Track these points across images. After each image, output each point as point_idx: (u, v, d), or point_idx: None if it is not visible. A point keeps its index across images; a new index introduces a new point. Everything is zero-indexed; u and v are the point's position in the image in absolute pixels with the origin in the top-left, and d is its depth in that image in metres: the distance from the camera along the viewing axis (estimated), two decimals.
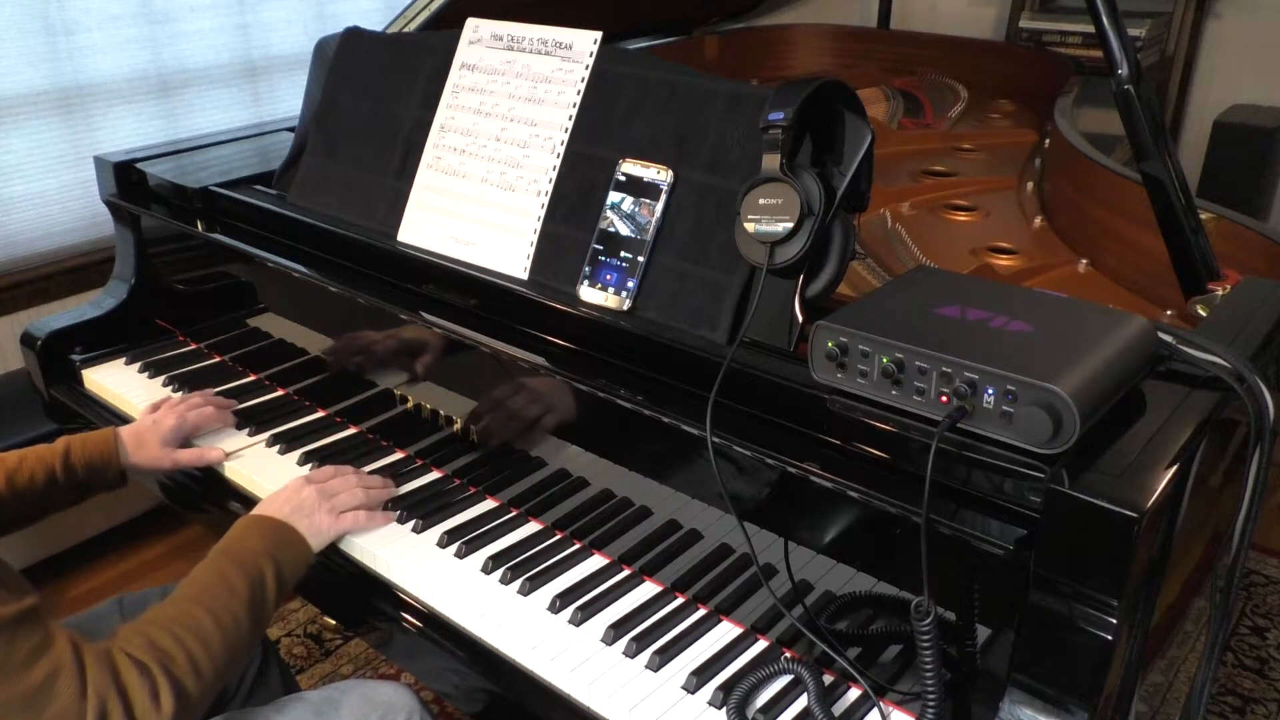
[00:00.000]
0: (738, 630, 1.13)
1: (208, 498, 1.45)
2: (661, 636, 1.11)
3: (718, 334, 1.12)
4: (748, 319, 1.06)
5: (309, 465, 1.42)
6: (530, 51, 1.34)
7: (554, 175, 1.28)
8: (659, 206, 1.18)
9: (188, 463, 1.42)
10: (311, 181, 1.55)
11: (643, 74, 1.24)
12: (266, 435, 1.49)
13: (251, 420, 1.52)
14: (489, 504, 1.33)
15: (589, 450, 1.23)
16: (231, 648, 1.04)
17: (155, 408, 1.47)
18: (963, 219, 1.76)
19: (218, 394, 1.59)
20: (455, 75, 1.41)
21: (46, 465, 1.31)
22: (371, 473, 1.37)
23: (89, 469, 1.35)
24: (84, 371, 1.71)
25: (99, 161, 1.78)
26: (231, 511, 1.39)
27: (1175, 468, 0.86)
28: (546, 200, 1.28)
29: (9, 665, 0.89)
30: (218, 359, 1.73)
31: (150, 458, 1.39)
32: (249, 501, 1.38)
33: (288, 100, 2.62)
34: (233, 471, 1.44)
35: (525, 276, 1.28)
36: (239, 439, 1.49)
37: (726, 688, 1.04)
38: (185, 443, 1.44)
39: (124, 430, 1.40)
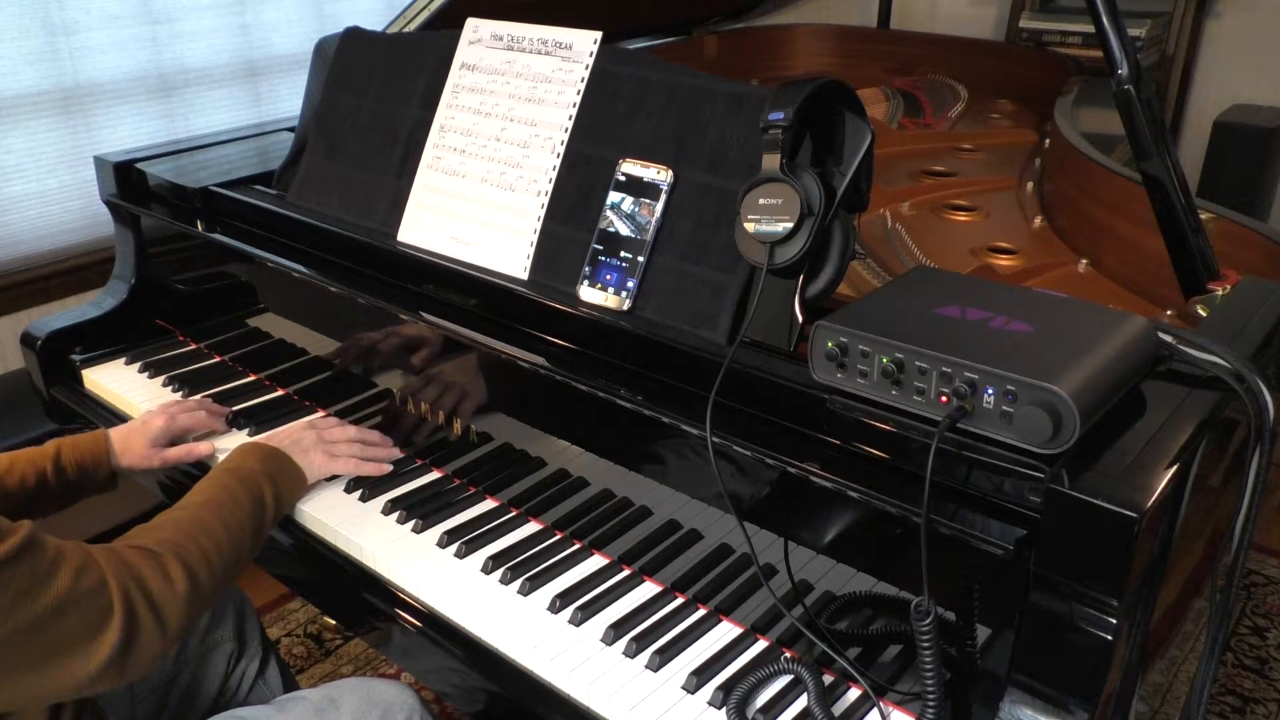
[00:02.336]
0: (738, 630, 1.13)
1: None
2: (661, 636, 1.11)
3: (718, 334, 1.12)
4: (748, 319, 1.06)
5: None
6: (530, 51, 1.34)
7: (554, 175, 1.28)
8: (659, 206, 1.18)
9: (175, 460, 1.42)
10: (311, 181, 1.55)
11: (643, 74, 1.24)
12: (266, 435, 1.49)
13: (252, 420, 1.52)
14: (489, 504, 1.33)
15: (589, 450, 1.23)
16: (236, 550, 1.10)
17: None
18: (963, 219, 1.76)
19: (218, 395, 1.60)
20: (455, 75, 1.41)
21: (37, 467, 1.31)
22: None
23: (79, 471, 1.35)
24: (84, 371, 1.71)
25: (99, 161, 1.78)
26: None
27: (1175, 468, 0.86)
28: (546, 200, 1.28)
29: (36, 577, 0.90)
30: (218, 359, 1.73)
31: (138, 458, 1.39)
32: None
33: (288, 100, 2.62)
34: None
35: (525, 276, 1.28)
36: (238, 439, 1.49)
37: (726, 688, 1.04)
38: (175, 442, 1.44)
39: (114, 432, 1.40)
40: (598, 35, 1.29)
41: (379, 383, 1.47)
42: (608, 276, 1.20)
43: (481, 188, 1.35)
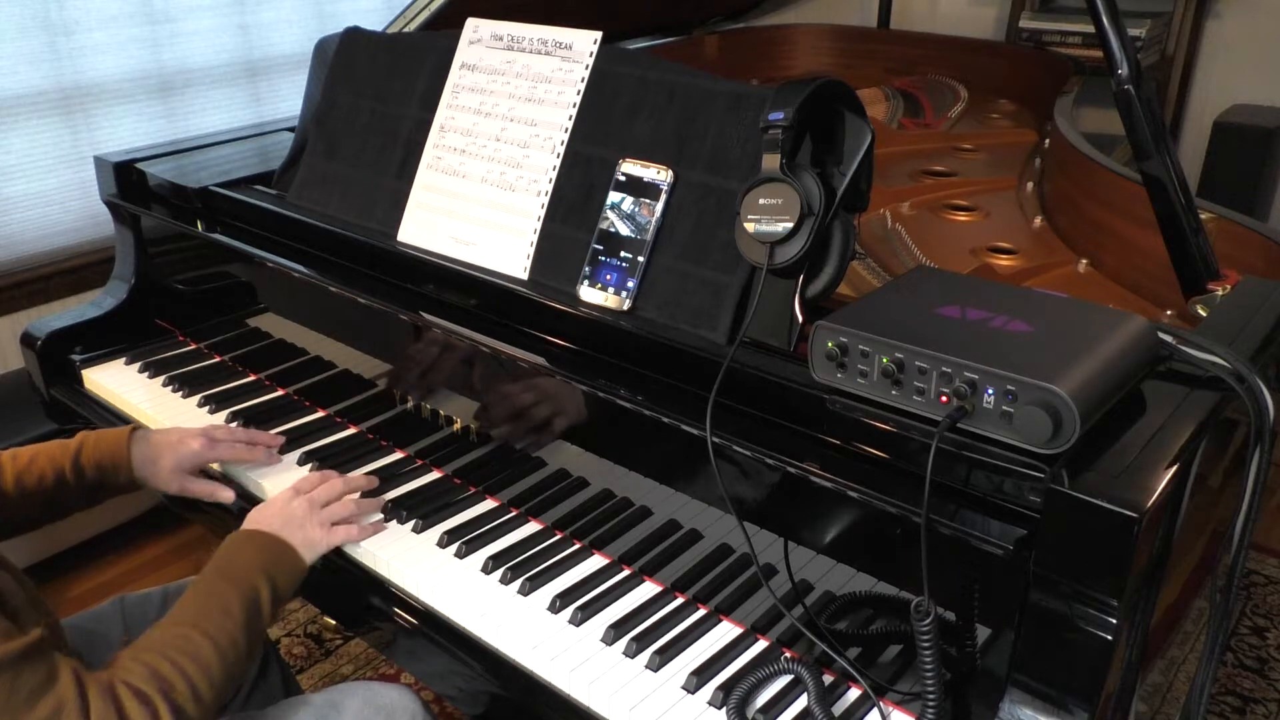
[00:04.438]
0: (738, 630, 1.13)
1: None
2: (661, 636, 1.11)
3: (718, 334, 1.12)
4: (748, 319, 1.06)
5: (309, 465, 1.42)
6: (530, 51, 1.34)
7: (554, 175, 1.28)
8: (659, 206, 1.18)
9: (197, 494, 1.35)
10: (311, 181, 1.55)
11: (643, 74, 1.24)
12: None
13: (252, 421, 1.52)
14: (489, 504, 1.33)
15: (589, 450, 1.23)
16: (229, 668, 1.04)
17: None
18: (963, 219, 1.76)
19: (218, 395, 1.60)
20: (455, 75, 1.41)
21: (56, 465, 1.28)
22: (368, 474, 1.37)
23: (98, 470, 1.30)
24: (84, 371, 1.71)
25: (99, 161, 1.78)
26: (231, 511, 1.39)
27: (1175, 468, 0.86)
28: (546, 200, 1.28)
29: (13, 703, 0.88)
30: (218, 359, 1.73)
31: (158, 475, 1.33)
32: (249, 500, 1.38)
33: (288, 100, 2.62)
34: (232, 471, 1.44)
35: (525, 276, 1.28)
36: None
37: (726, 688, 1.04)
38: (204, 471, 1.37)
39: (142, 437, 1.34)
40: (598, 35, 1.29)
41: (379, 383, 1.47)
42: (608, 276, 1.20)
43: (481, 188, 1.35)
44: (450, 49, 1.42)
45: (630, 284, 1.18)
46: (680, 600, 1.17)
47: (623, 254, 1.19)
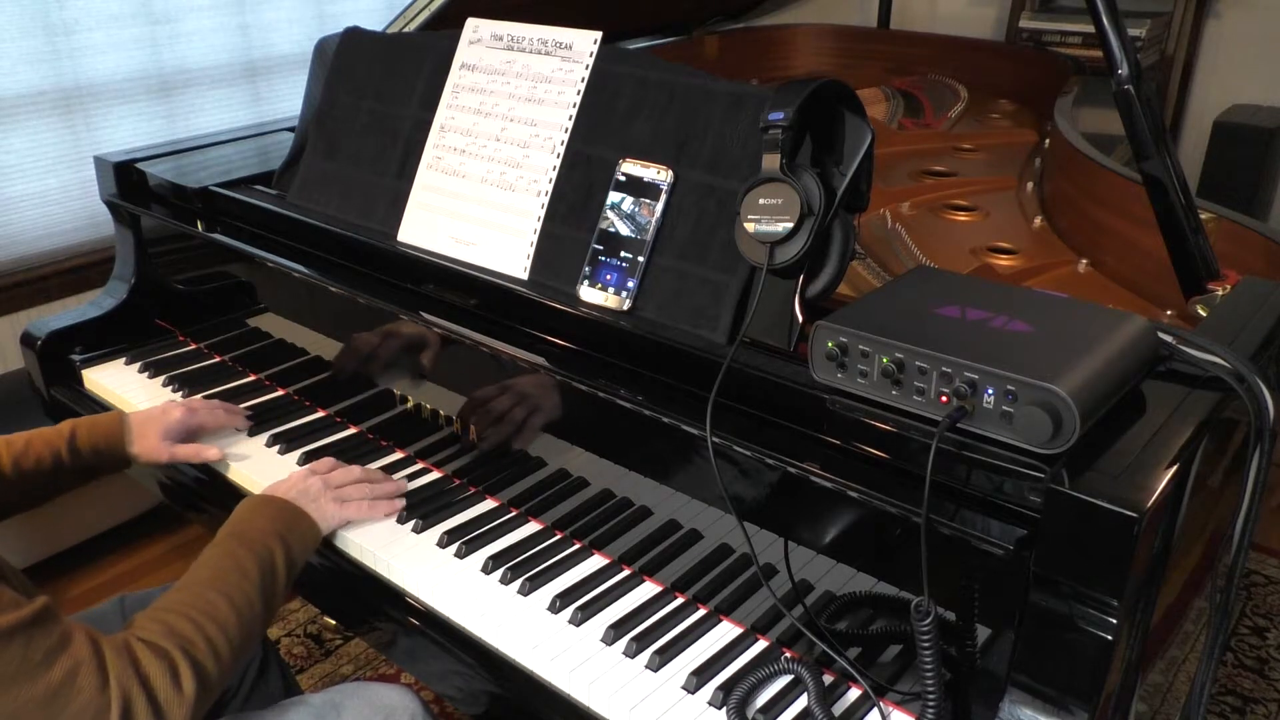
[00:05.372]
0: (738, 630, 1.13)
1: (207, 497, 1.45)
2: (661, 636, 1.11)
3: (718, 334, 1.12)
4: (748, 319, 1.06)
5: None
6: (530, 51, 1.34)
7: (554, 175, 1.28)
8: (659, 206, 1.18)
9: (183, 458, 1.40)
10: (311, 181, 1.55)
11: (642, 74, 1.24)
12: (266, 435, 1.49)
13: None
14: (489, 504, 1.33)
15: (589, 450, 1.23)
16: (246, 629, 1.05)
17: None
18: (963, 219, 1.76)
19: (218, 395, 1.60)
20: (455, 75, 1.41)
21: (52, 448, 1.31)
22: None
23: (95, 454, 1.35)
24: (84, 371, 1.71)
25: (99, 161, 1.78)
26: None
27: (1175, 468, 0.86)
28: (546, 200, 1.28)
29: (28, 665, 0.89)
30: (218, 359, 1.73)
31: (149, 448, 1.38)
32: (237, 495, 1.38)
33: (288, 100, 2.62)
34: (233, 471, 1.44)
35: (525, 276, 1.28)
36: (239, 438, 1.49)
37: (726, 688, 1.04)
38: (188, 439, 1.42)
39: (133, 416, 1.40)
40: (598, 35, 1.29)
41: (379, 383, 1.47)
42: (608, 276, 1.20)
43: (481, 188, 1.35)
44: (450, 49, 1.42)
45: (630, 284, 1.18)
46: (680, 600, 1.17)
47: (623, 254, 1.20)
